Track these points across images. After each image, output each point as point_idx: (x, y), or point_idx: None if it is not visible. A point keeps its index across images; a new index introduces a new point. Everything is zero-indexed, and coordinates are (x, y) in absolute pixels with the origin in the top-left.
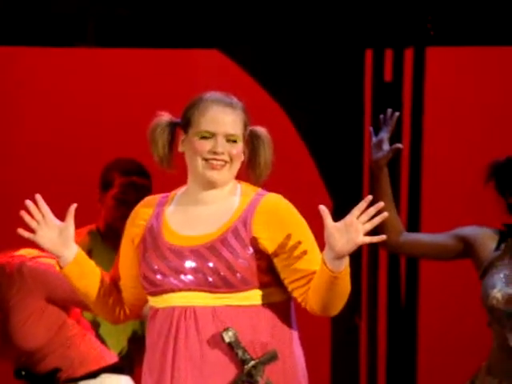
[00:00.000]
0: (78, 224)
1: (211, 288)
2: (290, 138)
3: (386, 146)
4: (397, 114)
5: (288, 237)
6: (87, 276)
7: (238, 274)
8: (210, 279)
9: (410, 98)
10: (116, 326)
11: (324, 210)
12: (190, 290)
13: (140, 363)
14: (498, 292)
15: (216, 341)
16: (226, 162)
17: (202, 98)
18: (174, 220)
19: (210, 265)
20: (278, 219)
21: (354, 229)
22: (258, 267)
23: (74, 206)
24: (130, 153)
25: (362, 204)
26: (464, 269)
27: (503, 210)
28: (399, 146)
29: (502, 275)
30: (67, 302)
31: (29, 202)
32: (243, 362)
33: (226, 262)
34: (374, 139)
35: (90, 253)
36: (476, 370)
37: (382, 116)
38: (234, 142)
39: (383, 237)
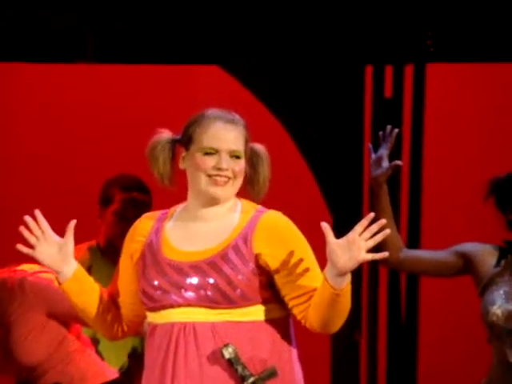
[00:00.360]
0: (77, 239)
1: (211, 304)
2: (289, 154)
3: (385, 163)
4: (396, 130)
5: (289, 254)
6: (86, 292)
7: (239, 290)
8: (211, 295)
9: (410, 114)
10: (116, 343)
11: (326, 226)
12: (189, 305)
13: (139, 379)
14: (497, 308)
15: (215, 357)
16: (229, 178)
17: (203, 114)
18: (173, 236)
19: (211, 281)
20: (278, 236)
21: (357, 246)
22: (258, 283)
23: (73, 222)
24: (129, 168)
25: (364, 221)
26: (464, 285)
27: (503, 226)
28: (398, 162)
29: (501, 292)
30: (68, 317)
31: (28, 218)
32: (243, 378)
33: (227, 277)
34: (373, 156)
35: (89, 268)
36: None
37: (381, 133)
38: (237, 158)
39: (385, 254)
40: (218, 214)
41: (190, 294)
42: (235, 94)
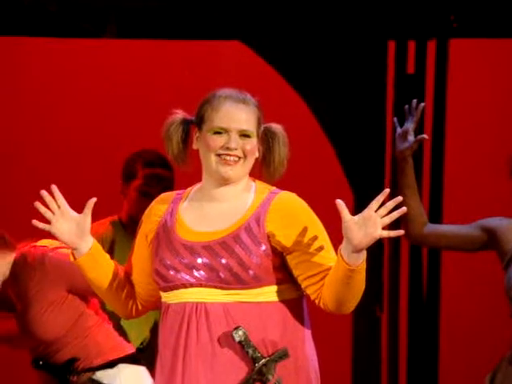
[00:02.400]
0: (99, 214)
1: (223, 284)
2: (311, 130)
3: (411, 137)
4: (422, 104)
5: (302, 234)
6: (101, 268)
7: (250, 271)
8: (222, 275)
9: (432, 89)
10: (139, 318)
11: (341, 203)
12: (201, 285)
13: None
14: None
15: (227, 338)
16: (239, 157)
17: (215, 94)
18: (187, 216)
19: (223, 261)
20: (291, 216)
21: (372, 222)
22: (270, 264)
23: (93, 200)
24: (151, 145)
25: (380, 197)
26: (485, 260)
27: None
28: (424, 136)
29: None
30: (87, 292)
31: (44, 193)
32: (254, 360)
33: (238, 258)
34: (399, 130)
35: (113, 243)
36: (498, 361)
37: (406, 107)
38: (248, 137)
39: (401, 232)
40: (232, 195)
41: (201, 274)
42: (256, 69)
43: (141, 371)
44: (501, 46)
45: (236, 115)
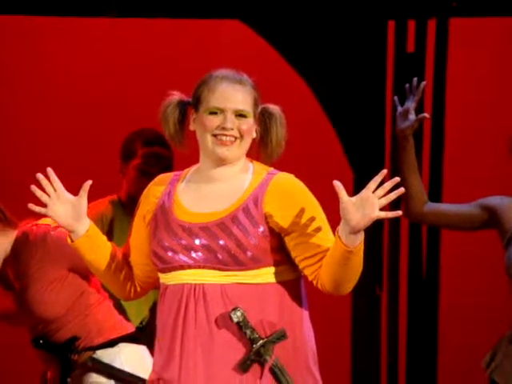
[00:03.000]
0: (98, 194)
1: (221, 266)
2: (311, 110)
3: (412, 116)
4: (424, 83)
5: (300, 215)
6: (98, 250)
7: (248, 252)
8: (220, 257)
9: (432, 68)
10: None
11: (338, 184)
12: (199, 267)
13: None
14: None
15: (225, 319)
16: (235, 137)
17: (211, 75)
18: (185, 197)
19: (220, 242)
20: (289, 197)
21: (370, 203)
22: (268, 245)
23: (89, 182)
24: (150, 124)
25: (377, 178)
26: (485, 238)
27: None
28: (425, 115)
29: None
30: (89, 271)
31: (40, 176)
32: (252, 341)
33: (236, 239)
34: (400, 109)
35: (112, 222)
36: (498, 339)
37: (407, 85)
38: (244, 117)
39: (399, 212)
40: (229, 175)
41: (199, 256)
42: (256, 48)
43: (141, 350)
44: (500, 24)
45: (232, 95)
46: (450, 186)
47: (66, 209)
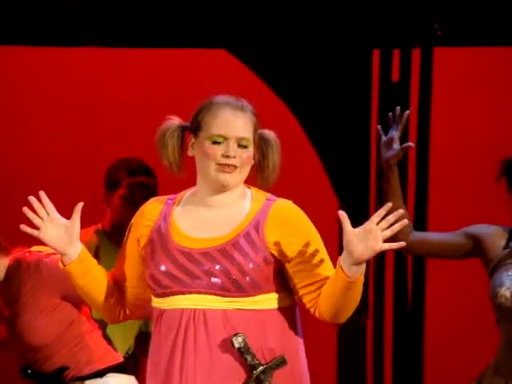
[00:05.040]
0: (82, 223)
1: (222, 291)
2: (296, 139)
3: (396, 145)
4: (407, 112)
5: (301, 242)
6: (90, 274)
7: (250, 278)
8: (222, 282)
9: (417, 97)
10: (123, 327)
11: (343, 215)
12: (200, 292)
13: (145, 363)
14: (506, 290)
15: (226, 344)
16: (236, 166)
17: (212, 101)
18: (182, 222)
19: (222, 268)
20: (290, 225)
21: (373, 235)
22: (269, 272)
23: (80, 204)
24: (135, 153)
25: (381, 211)
26: (470, 267)
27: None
28: (410, 144)
29: (510, 273)
30: (81, 300)
31: (32, 199)
32: (252, 367)
33: (238, 265)
34: (384, 138)
35: (97, 251)
36: (483, 369)
37: (390, 114)
38: (245, 146)
39: (402, 244)
40: (228, 201)
41: (201, 281)
42: (241, 78)
43: (130, 380)
44: (485, 53)
45: (234, 122)
46: (435, 214)
47: (58, 232)
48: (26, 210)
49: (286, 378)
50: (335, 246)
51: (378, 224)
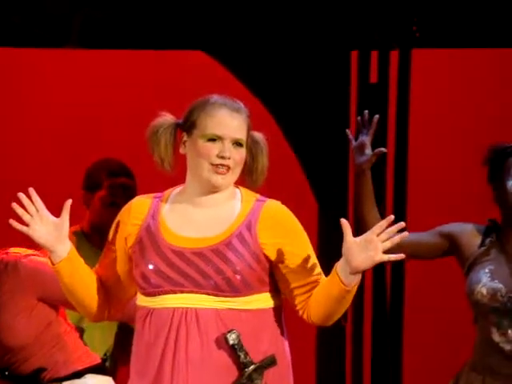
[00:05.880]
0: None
1: (215, 291)
2: (275, 140)
3: (368, 151)
4: (377, 116)
5: (293, 244)
6: (78, 273)
7: (243, 278)
8: (215, 282)
9: (395, 99)
10: (102, 328)
11: (345, 223)
12: (191, 292)
13: (123, 365)
14: (482, 287)
15: (218, 343)
16: (229, 167)
17: (208, 100)
18: (171, 220)
19: (216, 268)
20: (282, 226)
21: (374, 246)
22: (260, 272)
23: (69, 202)
24: (114, 154)
25: (383, 223)
26: (449, 267)
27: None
28: (383, 150)
29: (486, 270)
30: (58, 302)
31: (22, 195)
32: (244, 365)
33: (232, 265)
34: (354, 143)
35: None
36: (461, 367)
37: (359, 118)
38: (240, 146)
39: (402, 255)
40: (218, 201)
41: (193, 281)
42: (219, 79)
43: (107, 381)
44: (462, 55)
45: (230, 123)
46: (414, 215)
47: (48, 229)
48: (15, 205)
49: (275, 377)
50: (314, 248)
51: (378, 235)
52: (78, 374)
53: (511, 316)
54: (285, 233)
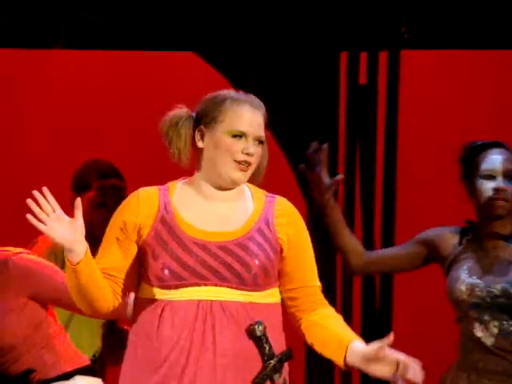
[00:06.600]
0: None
1: (238, 285)
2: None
3: (327, 180)
4: (325, 145)
5: (302, 242)
6: (95, 272)
7: (266, 271)
8: (240, 275)
9: (384, 100)
10: (91, 329)
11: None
12: (215, 285)
13: (112, 366)
14: (461, 284)
15: (245, 335)
16: (251, 164)
17: (231, 95)
18: (186, 214)
19: (241, 261)
20: (295, 223)
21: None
22: (277, 266)
23: (79, 200)
24: (102, 155)
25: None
26: (438, 271)
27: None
28: (340, 177)
29: (465, 267)
30: (52, 301)
31: (37, 193)
32: (268, 356)
33: (256, 257)
34: (310, 177)
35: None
36: (448, 367)
37: (310, 151)
38: (261, 144)
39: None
40: (230, 196)
41: (218, 274)
42: (210, 80)
43: (97, 383)
44: (451, 57)
45: (254, 120)
46: (403, 217)
47: (64, 228)
48: (30, 202)
49: (286, 372)
50: None
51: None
52: (67, 376)
53: (491, 310)
54: (297, 229)
